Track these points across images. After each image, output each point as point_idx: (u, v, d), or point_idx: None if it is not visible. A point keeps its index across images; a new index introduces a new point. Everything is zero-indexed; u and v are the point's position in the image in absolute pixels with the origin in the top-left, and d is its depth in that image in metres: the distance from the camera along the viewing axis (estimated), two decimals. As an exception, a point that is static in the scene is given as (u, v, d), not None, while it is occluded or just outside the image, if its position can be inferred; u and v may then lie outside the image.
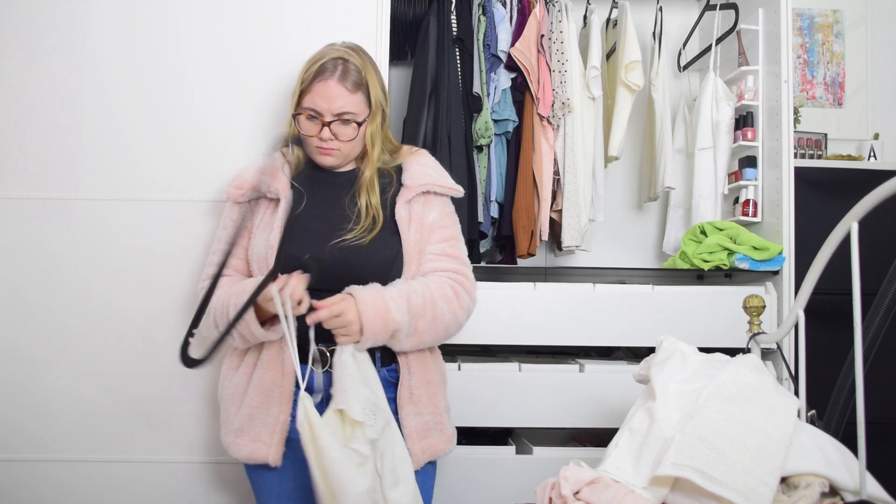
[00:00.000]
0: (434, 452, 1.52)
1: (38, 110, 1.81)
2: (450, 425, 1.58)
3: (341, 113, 1.47)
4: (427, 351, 1.54)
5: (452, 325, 1.50)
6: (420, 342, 1.47)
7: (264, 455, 1.47)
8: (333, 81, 1.46)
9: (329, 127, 1.47)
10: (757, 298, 1.55)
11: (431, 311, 1.45)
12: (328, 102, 1.46)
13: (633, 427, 1.28)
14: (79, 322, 1.80)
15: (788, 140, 2.06)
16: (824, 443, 1.17)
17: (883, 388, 1.62)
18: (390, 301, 1.40)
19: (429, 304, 1.45)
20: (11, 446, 1.80)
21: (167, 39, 1.84)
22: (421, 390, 1.50)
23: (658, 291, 2.00)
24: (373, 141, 1.53)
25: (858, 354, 1.12)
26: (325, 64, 1.47)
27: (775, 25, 2.11)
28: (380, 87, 1.54)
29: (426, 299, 1.44)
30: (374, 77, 1.52)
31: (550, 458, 1.90)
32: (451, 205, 1.60)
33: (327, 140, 1.48)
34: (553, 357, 2.20)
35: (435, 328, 1.47)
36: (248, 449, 1.48)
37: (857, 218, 1.15)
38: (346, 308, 1.37)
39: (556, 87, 2.20)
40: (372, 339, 1.39)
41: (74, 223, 1.81)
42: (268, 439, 1.47)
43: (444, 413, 1.56)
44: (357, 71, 1.49)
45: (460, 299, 1.50)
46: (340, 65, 1.48)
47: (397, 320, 1.39)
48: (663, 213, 2.54)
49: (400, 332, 1.42)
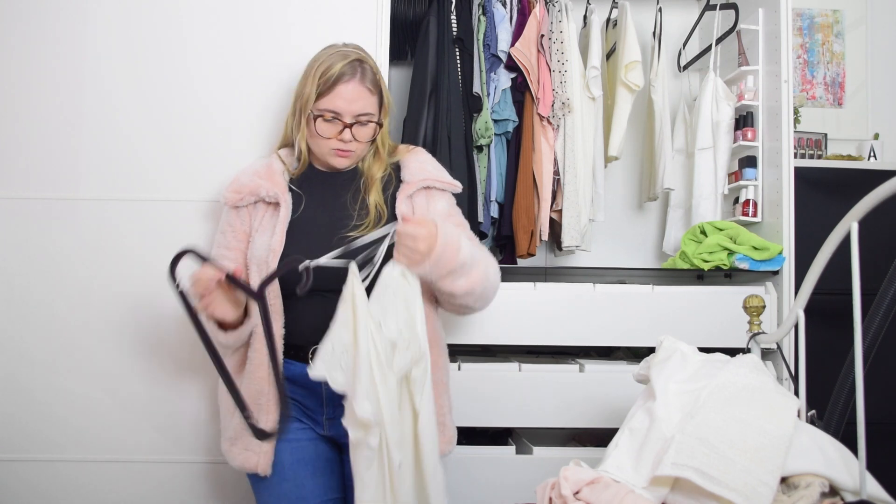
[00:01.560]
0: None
1: (37, 110, 1.81)
2: (451, 426, 1.58)
3: (362, 114, 1.48)
4: (437, 349, 1.54)
5: (495, 282, 1.50)
6: (471, 288, 1.43)
7: (254, 464, 1.48)
8: (355, 83, 1.47)
9: (350, 129, 1.48)
10: (757, 298, 1.55)
11: (483, 265, 1.45)
12: (350, 104, 1.47)
13: (633, 427, 1.28)
14: (79, 322, 1.80)
15: (788, 140, 2.06)
16: (824, 443, 1.17)
17: (883, 388, 1.62)
18: (462, 240, 1.40)
19: (480, 258, 1.45)
20: (11, 446, 1.80)
21: (167, 39, 1.84)
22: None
23: (658, 291, 2.00)
24: (383, 140, 1.55)
25: (858, 354, 1.12)
26: (344, 68, 1.47)
27: (775, 25, 2.11)
28: (387, 88, 1.57)
29: (478, 254, 1.46)
30: (383, 80, 1.55)
31: (550, 458, 1.90)
32: (454, 201, 1.61)
33: (348, 142, 1.49)
34: (553, 357, 2.20)
35: (485, 280, 1.46)
36: (241, 458, 1.50)
37: (857, 218, 1.15)
38: (426, 234, 1.32)
39: (556, 87, 2.20)
40: (436, 266, 1.34)
41: (75, 223, 1.80)
42: (257, 448, 1.48)
43: (448, 413, 1.56)
44: (373, 72, 1.51)
45: (493, 263, 1.51)
46: (359, 66, 1.49)
47: (464, 259, 1.38)
48: (663, 213, 2.54)
49: (460, 272, 1.39)
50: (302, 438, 1.50)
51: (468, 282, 1.41)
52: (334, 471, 1.53)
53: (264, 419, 1.46)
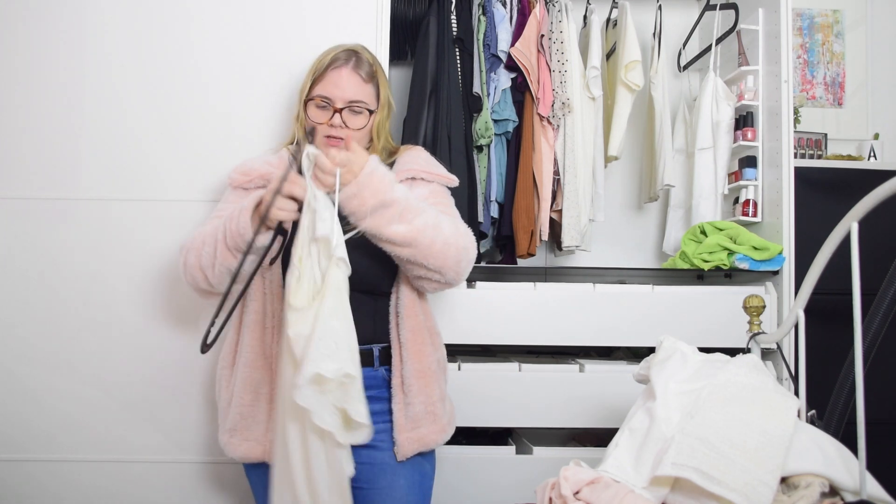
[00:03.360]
0: (424, 444, 1.48)
1: (40, 110, 1.81)
2: (444, 415, 1.53)
3: (353, 101, 1.50)
4: (427, 337, 1.52)
5: (454, 244, 1.39)
6: (412, 237, 1.34)
7: (260, 453, 1.47)
8: (347, 70, 1.51)
9: (340, 114, 1.49)
10: (757, 298, 1.55)
11: (434, 219, 1.37)
12: (341, 90, 1.49)
13: (633, 427, 1.28)
14: (79, 322, 1.80)
15: (788, 140, 2.06)
16: (824, 443, 1.17)
17: (883, 388, 1.62)
18: (397, 185, 1.34)
19: (430, 211, 1.38)
20: (11, 446, 1.80)
21: (170, 39, 1.84)
22: (412, 379, 1.47)
23: (658, 291, 2.00)
24: (378, 132, 1.56)
25: (858, 354, 1.12)
26: (338, 54, 1.52)
27: (775, 25, 2.11)
28: (385, 81, 1.58)
29: (429, 209, 1.39)
30: (383, 76, 1.58)
31: (550, 458, 1.90)
32: (446, 192, 1.57)
33: (337, 127, 1.49)
34: (553, 357, 2.20)
35: (434, 234, 1.36)
36: (243, 448, 1.48)
37: (857, 218, 1.15)
38: (355, 159, 1.29)
39: (556, 87, 2.20)
40: (361, 191, 1.29)
41: (77, 223, 1.81)
42: (262, 437, 1.47)
43: (438, 402, 1.51)
44: (369, 63, 1.55)
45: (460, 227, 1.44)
46: (353, 56, 1.53)
47: (398, 199, 1.32)
48: (663, 213, 2.54)
49: (392, 209, 1.32)
50: None
51: (408, 230, 1.33)
52: None
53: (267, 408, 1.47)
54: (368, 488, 1.47)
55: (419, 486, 1.50)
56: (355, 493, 1.48)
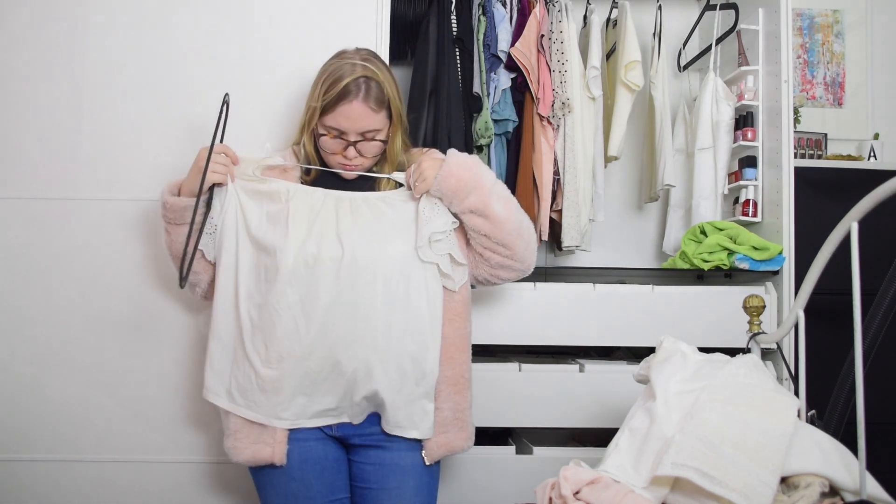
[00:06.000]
0: (450, 448, 1.53)
1: (39, 110, 1.81)
2: (470, 423, 1.58)
3: (366, 131, 1.49)
4: (462, 344, 1.56)
5: (529, 229, 1.60)
6: (505, 215, 1.53)
7: (269, 455, 1.46)
8: (358, 102, 1.46)
9: (354, 146, 1.50)
10: (757, 298, 1.55)
11: (515, 202, 1.59)
12: (353, 123, 1.48)
13: (634, 427, 1.28)
14: (78, 322, 1.80)
15: (788, 140, 2.06)
16: (824, 443, 1.17)
17: (883, 388, 1.62)
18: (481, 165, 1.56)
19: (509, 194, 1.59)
20: (11, 446, 1.80)
21: (168, 40, 1.84)
22: (442, 385, 1.51)
23: (658, 291, 2.00)
24: (395, 152, 1.57)
25: (858, 354, 1.12)
26: (348, 85, 1.46)
27: (775, 25, 2.11)
28: (396, 94, 1.54)
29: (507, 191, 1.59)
30: (392, 87, 1.52)
31: (550, 458, 1.90)
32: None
33: (352, 158, 1.51)
34: (553, 357, 2.20)
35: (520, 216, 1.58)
36: (251, 451, 1.47)
37: (857, 218, 1.15)
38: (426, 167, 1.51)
39: (556, 87, 2.20)
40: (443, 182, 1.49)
41: (75, 223, 1.80)
42: (270, 439, 1.47)
43: (467, 410, 1.57)
44: (379, 88, 1.49)
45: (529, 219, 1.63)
46: (363, 84, 1.47)
47: (483, 174, 1.53)
48: (663, 213, 2.54)
49: (481, 190, 1.51)
50: (309, 438, 1.49)
51: (503, 208, 1.53)
52: (341, 470, 1.53)
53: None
54: (378, 489, 1.48)
55: (427, 487, 1.51)
56: (364, 493, 1.50)
